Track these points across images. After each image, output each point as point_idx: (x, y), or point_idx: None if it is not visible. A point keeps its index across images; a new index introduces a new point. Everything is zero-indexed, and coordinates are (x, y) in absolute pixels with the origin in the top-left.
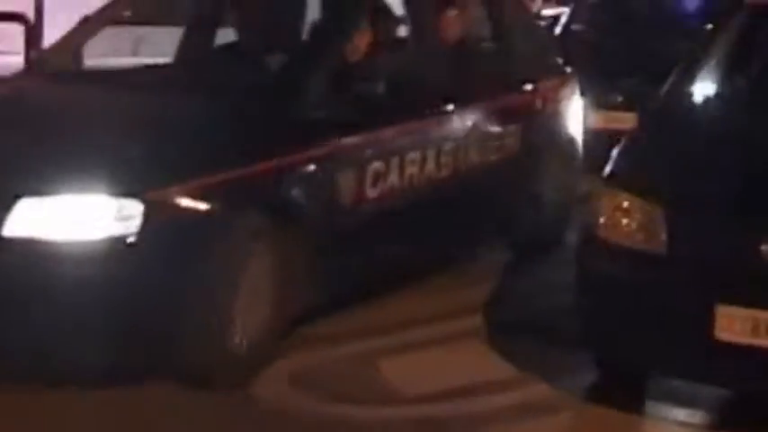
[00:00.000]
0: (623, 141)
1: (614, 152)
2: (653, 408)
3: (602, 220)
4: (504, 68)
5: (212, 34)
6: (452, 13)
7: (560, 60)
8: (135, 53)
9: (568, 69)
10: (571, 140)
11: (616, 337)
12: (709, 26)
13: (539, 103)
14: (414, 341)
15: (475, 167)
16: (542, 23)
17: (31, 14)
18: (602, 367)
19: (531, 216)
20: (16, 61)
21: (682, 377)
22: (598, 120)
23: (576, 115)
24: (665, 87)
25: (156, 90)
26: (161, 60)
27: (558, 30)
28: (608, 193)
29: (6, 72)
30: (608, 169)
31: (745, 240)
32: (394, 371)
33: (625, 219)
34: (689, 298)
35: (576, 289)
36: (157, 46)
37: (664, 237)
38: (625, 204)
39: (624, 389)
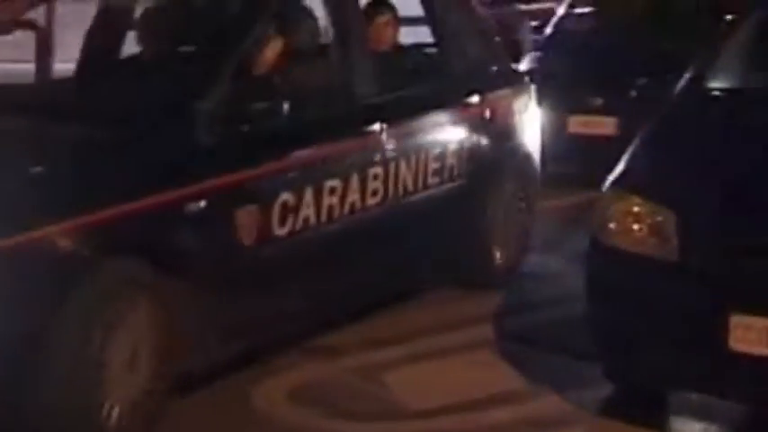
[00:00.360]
0: (635, 142)
1: (625, 154)
2: (668, 421)
3: (611, 225)
4: (445, 78)
5: (115, 46)
6: (384, 16)
7: (514, 68)
8: None
9: (525, 78)
10: (526, 160)
11: (626, 349)
12: (726, 21)
13: (487, 118)
14: (420, 352)
15: (409, 195)
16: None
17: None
18: (614, 379)
19: (480, 249)
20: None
21: (695, 390)
22: (575, 124)
23: (532, 130)
24: (679, 86)
25: (23, 114)
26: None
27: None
28: (618, 197)
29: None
30: (618, 172)
31: (759, 247)
32: (398, 384)
33: (636, 224)
34: (702, 307)
35: (585, 297)
36: None
37: (676, 243)
38: (636, 209)
39: (638, 401)
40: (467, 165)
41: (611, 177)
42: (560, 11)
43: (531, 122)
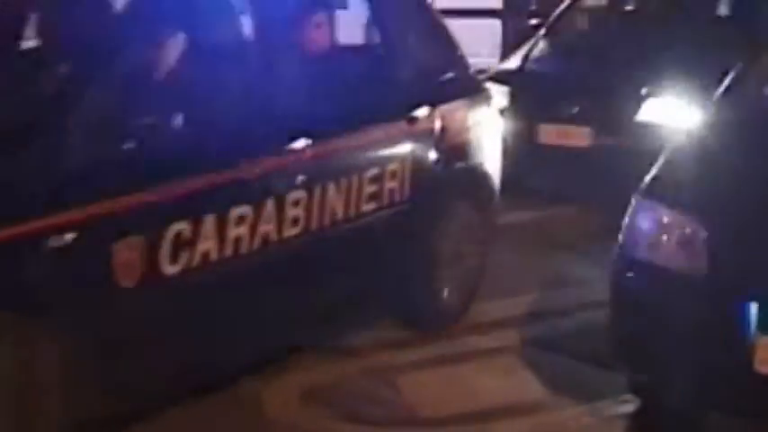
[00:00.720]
0: (666, 152)
1: (656, 163)
2: None
3: (638, 236)
4: (388, 87)
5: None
6: (318, 17)
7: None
8: None
9: (485, 87)
10: (483, 181)
11: (651, 365)
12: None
13: (437, 133)
14: (437, 355)
15: (338, 224)
16: None
17: None
18: (637, 393)
19: (424, 287)
20: None
21: (720, 411)
22: (548, 134)
23: (492, 146)
24: (715, 96)
25: None
26: None
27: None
28: (646, 207)
29: None
30: (648, 180)
31: None
32: (412, 388)
33: (664, 235)
34: (728, 327)
35: (610, 309)
36: None
37: (705, 257)
38: (665, 219)
39: (667, 421)
40: (410, 188)
41: (641, 185)
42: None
43: (490, 137)
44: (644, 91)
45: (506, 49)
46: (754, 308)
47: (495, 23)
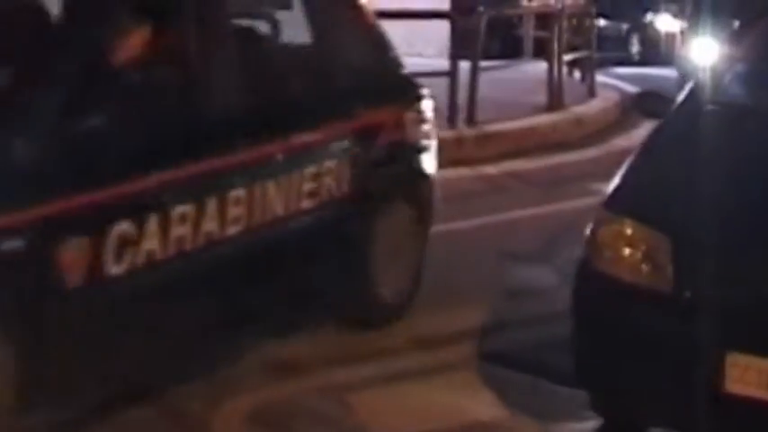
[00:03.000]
0: (629, 158)
1: (621, 170)
2: None
3: (601, 249)
4: (326, 87)
5: None
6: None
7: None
8: None
9: (420, 90)
10: (420, 181)
11: (614, 383)
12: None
13: (373, 133)
14: (390, 372)
15: (279, 222)
16: None
17: None
18: (600, 412)
19: (363, 283)
20: None
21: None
22: None
23: (428, 150)
24: (681, 97)
25: None
26: None
27: None
28: (608, 218)
29: None
30: (610, 190)
31: (760, 279)
32: (365, 408)
33: (627, 248)
34: (697, 344)
35: (572, 324)
36: None
37: (670, 272)
38: (628, 231)
39: None
40: (348, 187)
41: (603, 196)
42: None
43: (425, 137)
44: None
45: (455, 48)
46: (723, 324)
47: (443, 24)
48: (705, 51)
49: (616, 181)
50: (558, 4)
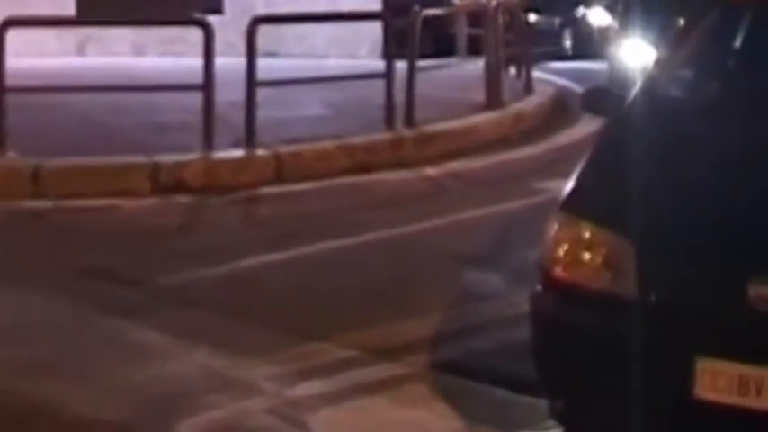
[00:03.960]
0: (585, 157)
1: (578, 169)
2: None
3: (559, 253)
4: None
5: None
6: None
7: None
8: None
9: None
10: None
11: (578, 391)
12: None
13: None
14: (345, 387)
15: None
16: None
17: None
18: (562, 422)
19: None
20: None
21: None
22: None
23: None
24: (632, 93)
25: None
26: None
27: None
28: (566, 222)
29: None
30: (567, 192)
31: (729, 282)
32: (322, 426)
33: (587, 253)
34: (664, 350)
35: (531, 335)
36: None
37: (633, 276)
38: (587, 235)
39: None
40: None
41: (560, 198)
42: None
43: None
44: None
45: (389, 49)
46: (692, 329)
47: (374, 24)
48: (636, 51)
49: (572, 181)
50: (491, 1)
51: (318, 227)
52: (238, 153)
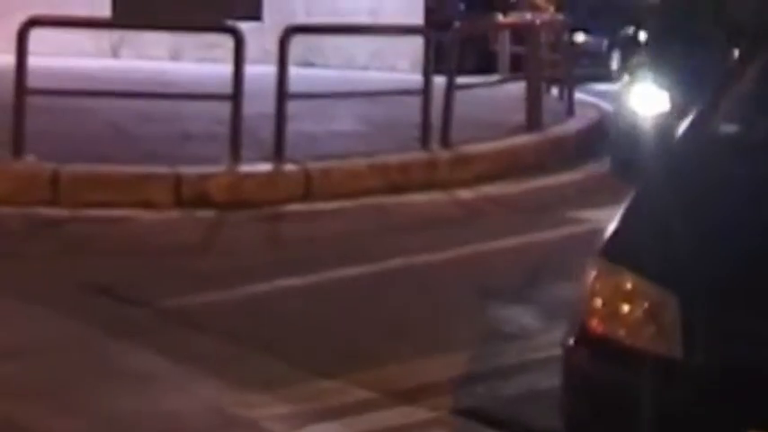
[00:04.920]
0: (628, 199)
1: (620, 212)
2: None
3: (596, 304)
4: None
5: None
6: None
7: None
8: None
9: None
10: None
11: None
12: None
13: None
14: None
15: None
16: None
17: None
18: None
19: None
20: None
21: None
22: None
23: None
24: (681, 131)
25: None
26: None
27: None
28: (605, 270)
29: None
30: (606, 237)
31: None
32: None
33: (627, 306)
34: (709, 420)
35: (563, 393)
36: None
37: (679, 335)
38: (628, 286)
39: None
40: None
41: (598, 244)
42: None
43: None
44: None
45: (428, 64)
46: (743, 398)
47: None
48: (648, 96)
49: (614, 225)
50: (535, 18)
51: (343, 250)
52: (265, 167)
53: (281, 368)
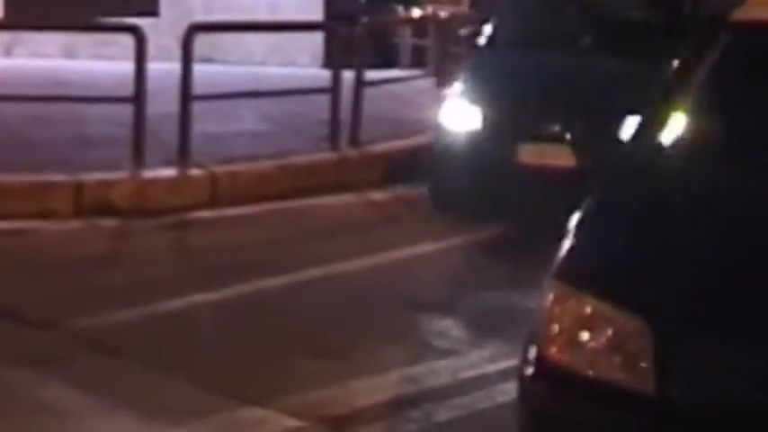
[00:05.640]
0: (583, 211)
1: (571, 227)
2: None
3: (553, 331)
4: None
5: None
6: None
7: None
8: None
9: None
10: None
11: None
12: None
13: None
14: None
15: None
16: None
17: None
18: None
19: None
20: None
21: None
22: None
23: None
24: (632, 135)
25: None
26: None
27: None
28: (561, 293)
29: None
30: (561, 256)
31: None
32: None
33: (588, 333)
34: None
35: (517, 424)
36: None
37: (651, 366)
38: (588, 310)
39: None
40: None
41: (553, 265)
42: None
43: None
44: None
45: (328, 57)
46: None
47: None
48: (460, 112)
49: (568, 242)
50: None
51: (255, 260)
52: (170, 172)
53: (199, 395)
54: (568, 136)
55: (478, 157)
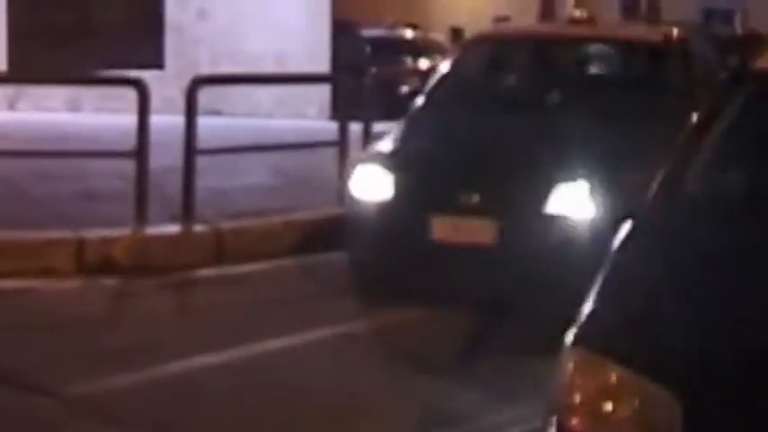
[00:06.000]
0: (603, 270)
1: (594, 291)
2: None
3: (574, 400)
4: None
5: None
6: None
7: None
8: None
9: None
10: None
11: None
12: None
13: None
14: None
15: None
16: None
17: None
18: None
19: None
20: None
21: None
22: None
23: None
24: (650, 194)
25: None
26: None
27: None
28: (584, 362)
29: None
30: (582, 320)
31: None
32: None
33: (612, 404)
34: None
35: None
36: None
37: None
38: (613, 380)
39: None
40: None
41: (572, 330)
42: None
43: None
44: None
45: (336, 109)
46: None
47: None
48: (372, 179)
49: (588, 305)
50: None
51: (262, 320)
52: (174, 229)
53: None
54: (486, 208)
55: (387, 230)
